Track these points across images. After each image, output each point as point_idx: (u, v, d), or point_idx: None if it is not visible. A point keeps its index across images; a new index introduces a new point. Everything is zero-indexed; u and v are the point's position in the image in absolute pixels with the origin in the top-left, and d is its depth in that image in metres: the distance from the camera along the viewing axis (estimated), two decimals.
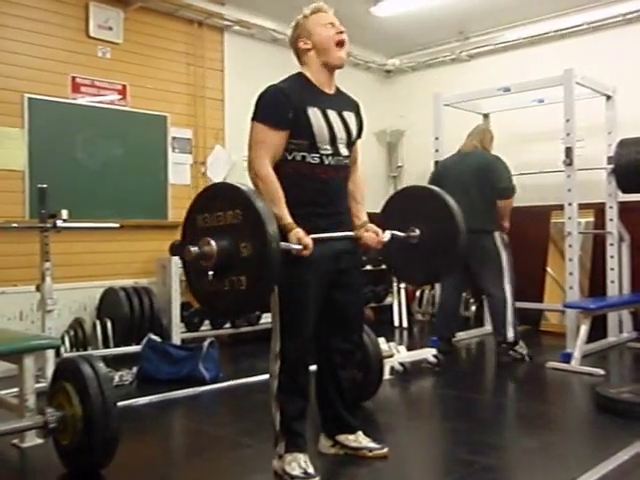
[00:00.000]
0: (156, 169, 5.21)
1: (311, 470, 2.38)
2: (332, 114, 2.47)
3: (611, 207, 5.08)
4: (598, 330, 4.74)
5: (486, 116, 5.85)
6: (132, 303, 4.60)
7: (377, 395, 3.45)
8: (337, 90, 2.58)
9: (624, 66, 5.37)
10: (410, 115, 6.78)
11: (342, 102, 2.58)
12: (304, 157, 2.41)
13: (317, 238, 2.32)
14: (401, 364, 4.10)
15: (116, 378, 3.86)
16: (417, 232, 2.76)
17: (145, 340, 4.20)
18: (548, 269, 5.72)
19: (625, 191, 5.02)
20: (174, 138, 5.32)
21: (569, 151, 4.52)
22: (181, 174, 5.34)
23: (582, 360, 4.20)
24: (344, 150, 2.51)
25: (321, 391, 2.65)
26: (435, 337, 4.85)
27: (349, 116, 2.56)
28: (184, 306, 4.95)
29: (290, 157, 2.41)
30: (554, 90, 4.87)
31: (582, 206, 4.77)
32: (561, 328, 5.06)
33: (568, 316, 4.63)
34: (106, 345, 4.48)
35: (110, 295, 4.70)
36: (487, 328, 5.66)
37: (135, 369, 4.05)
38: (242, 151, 2.52)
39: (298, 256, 2.25)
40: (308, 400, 2.50)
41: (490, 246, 4.56)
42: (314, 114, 2.41)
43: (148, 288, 4.82)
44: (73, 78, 4.76)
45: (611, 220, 5.07)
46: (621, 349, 4.90)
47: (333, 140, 2.46)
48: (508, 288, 4.52)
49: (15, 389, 2.92)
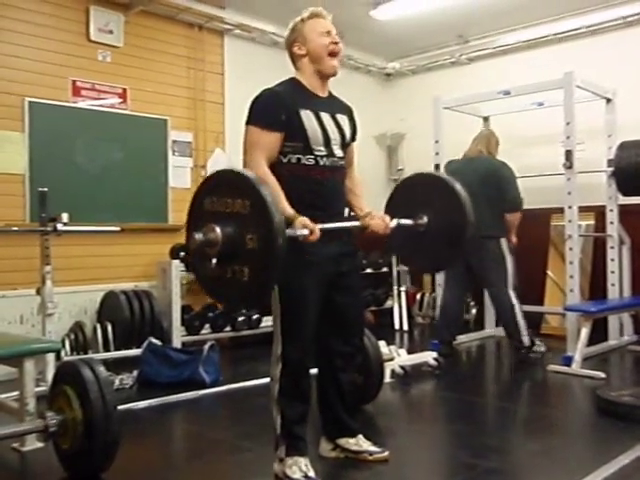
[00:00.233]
0: (156, 172, 5.21)
1: (312, 474, 2.38)
2: (325, 116, 2.49)
3: (611, 210, 5.08)
4: (599, 333, 4.74)
5: (486, 119, 5.85)
6: (132, 306, 4.60)
7: (378, 398, 3.45)
8: (330, 94, 2.60)
9: (624, 69, 5.37)
10: (410, 118, 6.78)
11: (335, 105, 2.59)
12: (299, 159, 2.42)
13: (323, 228, 2.29)
14: (402, 367, 4.09)
15: (116, 382, 3.86)
16: (425, 219, 2.69)
17: (145, 343, 4.19)
18: (548, 272, 5.72)
19: (625, 194, 5.02)
20: (174, 141, 5.32)
21: (569, 154, 4.52)
22: (181, 177, 5.34)
23: (583, 363, 4.20)
24: (338, 151, 2.52)
25: (322, 394, 2.65)
26: (436, 340, 4.84)
27: (342, 119, 2.57)
28: (184, 309, 4.96)
29: (285, 160, 2.42)
30: (554, 93, 4.89)
31: (582, 209, 4.76)
32: (562, 331, 5.05)
33: (569, 319, 4.63)
34: (106, 349, 4.48)
35: (110, 298, 4.70)
36: (487, 331, 5.66)
37: (135, 372, 4.05)
38: (242, 154, 2.52)
39: (305, 242, 2.22)
40: (309, 404, 2.50)
41: (495, 250, 4.59)
42: (307, 116, 2.43)
43: (148, 291, 4.83)
44: (73, 82, 4.77)
45: (611, 223, 5.06)
46: (622, 352, 4.90)
47: (327, 141, 2.47)
48: (512, 294, 4.56)
49: (15, 393, 2.92)
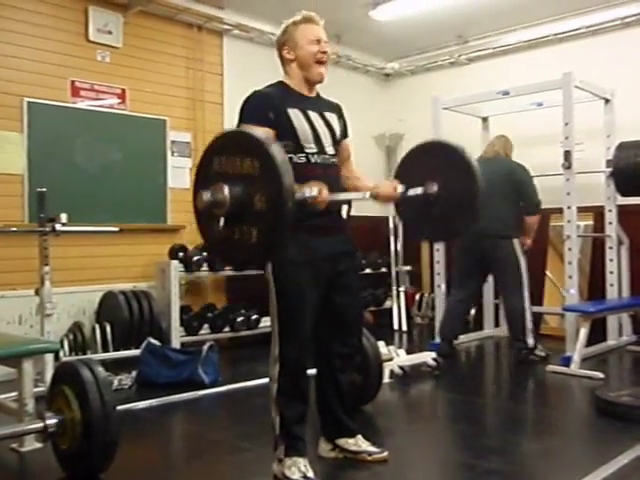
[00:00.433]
0: (155, 173, 5.21)
1: (311, 474, 2.38)
2: (313, 115, 2.51)
3: (610, 210, 5.08)
4: (598, 333, 4.74)
5: (485, 120, 5.86)
6: (131, 307, 4.59)
7: (376, 399, 3.45)
8: (317, 95, 2.62)
9: (623, 69, 5.37)
10: (409, 119, 6.77)
11: (322, 104, 2.61)
12: (291, 158, 2.40)
13: (333, 199, 2.32)
14: (401, 368, 4.09)
15: (115, 382, 3.86)
16: (435, 188, 2.59)
17: (144, 344, 4.19)
18: (547, 272, 5.72)
19: (624, 194, 5.02)
20: (173, 142, 5.32)
21: (568, 154, 4.52)
22: (180, 178, 5.33)
23: (582, 363, 4.20)
24: (329, 149, 2.53)
25: (321, 395, 2.65)
26: (437, 338, 4.87)
27: (331, 117, 2.59)
28: (183, 310, 4.96)
29: None
30: (553, 93, 4.89)
31: (581, 209, 4.77)
32: (560, 331, 5.05)
33: (567, 319, 4.63)
34: (105, 349, 4.47)
35: (109, 299, 4.69)
36: (487, 331, 5.67)
37: (134, 373, 4.05)
38: None
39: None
40: (308, 404, 2.50)
41: (510, 251, 4.61)
42: (295, 114, 2.45)
43: (147, 292, 4.82)
44: (72, 82, 4.76)
45: (610, 223, 5.07)
46: (621, 352, 4.90)
47: (317, 139, 2.49)
48: (526, 295, 4.58)
49: (14, 393, 2.92)
